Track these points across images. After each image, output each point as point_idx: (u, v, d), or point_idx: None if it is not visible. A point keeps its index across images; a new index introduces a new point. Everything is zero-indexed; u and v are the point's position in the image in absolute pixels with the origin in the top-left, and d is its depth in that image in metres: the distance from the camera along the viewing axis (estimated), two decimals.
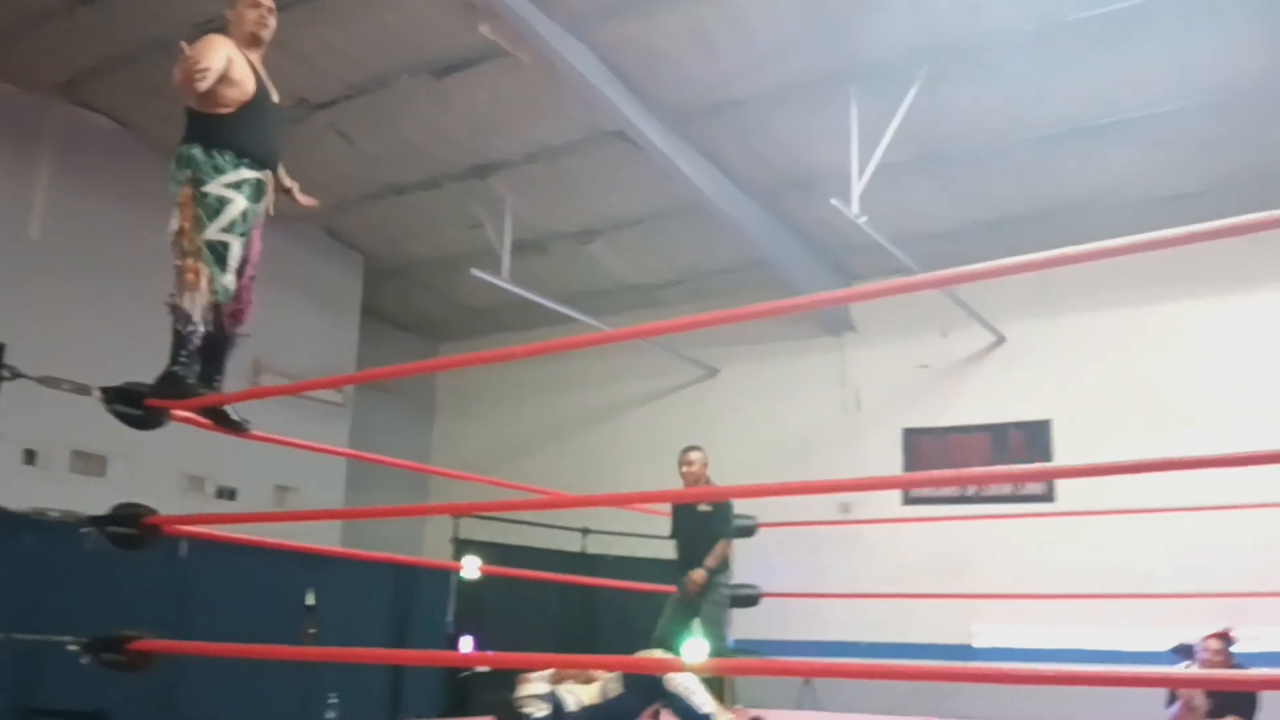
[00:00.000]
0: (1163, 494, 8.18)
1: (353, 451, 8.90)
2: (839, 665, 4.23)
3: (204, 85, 3.69)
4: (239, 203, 3.88)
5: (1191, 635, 6.95)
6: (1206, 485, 7.88)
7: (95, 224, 9.08)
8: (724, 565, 6.83)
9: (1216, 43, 7.24)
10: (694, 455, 7.15)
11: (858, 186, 7.89)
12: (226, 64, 3.87)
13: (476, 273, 9.53)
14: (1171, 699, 6.60)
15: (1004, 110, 8.14)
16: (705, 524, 6.96)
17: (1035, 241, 5.56)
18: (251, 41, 4.07)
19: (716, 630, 6.65)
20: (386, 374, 8.70)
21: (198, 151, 3.87)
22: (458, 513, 7.84)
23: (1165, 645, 7.10)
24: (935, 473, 9.99)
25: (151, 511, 3.91)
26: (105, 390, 3.85)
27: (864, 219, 7.92)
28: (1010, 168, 8.88)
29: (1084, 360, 9.64)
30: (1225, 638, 6.67)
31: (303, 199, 4.31)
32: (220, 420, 4.04)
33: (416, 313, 13.00)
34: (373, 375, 9.78)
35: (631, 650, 5.17)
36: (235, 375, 4.27)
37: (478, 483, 7.85)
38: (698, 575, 6.61)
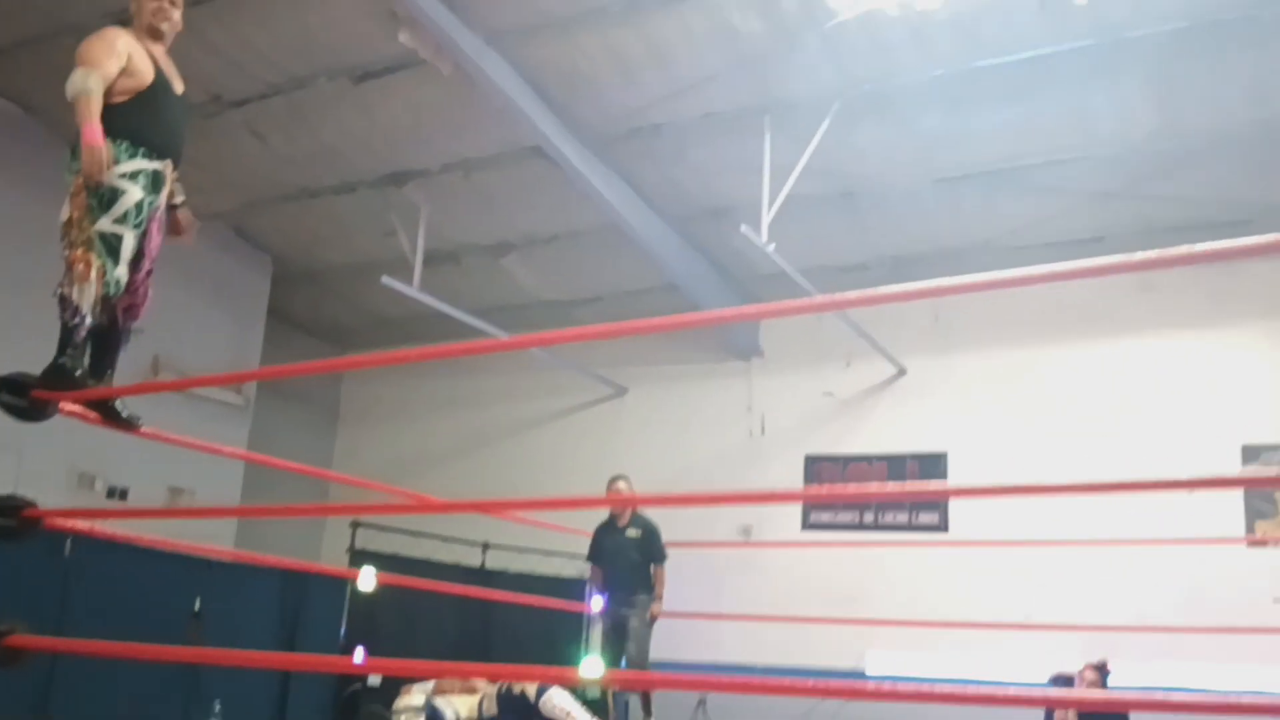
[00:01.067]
0: (1050, 528, 8.56)
1: (248, 453, 8.74)
2: (735, 681, 4.31)
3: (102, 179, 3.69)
4: (134, 193, 3.82)
5: (1071, 666, 7.24)
6: (1092, 522, 8.25)
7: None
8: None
9: (1111, 98, 7.62)
10: (622, 484, 7.45)
11: (768, 216, 8.06)
12: (124, 56, 3.84)
13: (387, 280, 9.46)
14: None
15: (911, 151, 8.42)
16: (636, 548, 7.26)
17: (937, 278, 5.82)
18: (151, 33, 4.04)
19: (644, 648, 7.18)
20: (284, 372, 8.59)
21: None
22: (355, 513, 7.78)
23: (1046, 675, 7.38)
24: (838, 487, 10.22)
25: (31, 504, 3.83)
26: None
27: (772, 247, 8.10)
28: (915, 207, 9.17)
29: (979, 395, 9.95)
30: (1102, 669, 6.97)
31: (184, 226, 4.19)
32: (109, 415, 3.97)
33: (325, 319, 12.82)
34: (270, 373, 9.63)
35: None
36: (132, 372, 4.22)
37: (378, 491, 7.80)
38: (657, 609, 7.12)
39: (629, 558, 7.42)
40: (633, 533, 7.43)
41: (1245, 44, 6.95)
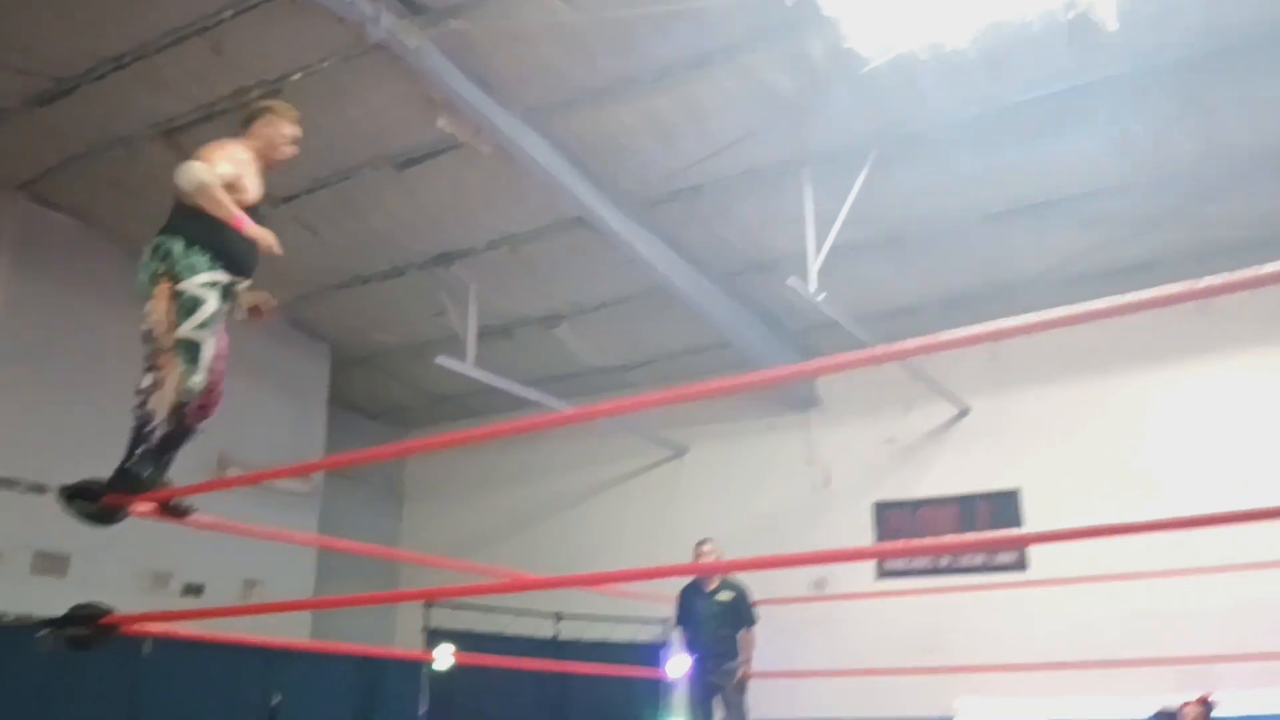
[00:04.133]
0: (1135, 560, 8.29)
1: (318, 538, 8.81)
2: None
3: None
4: (211, 303, 3.91)
5: (1171, 701, 6.97)
6: (1177, 551, 7.98)
7: (53, 319, 9.06)
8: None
9: (1151, 123, 7.53)
10: (708, 546, 7.45)
11: (815, 266, 8.05)
12: (240, 171, 3.96)
13: (442, 360, 9.57)
14: None
15: (952, 190, 8.38)
16: (727, 611, 7.25)
17: (990, 315, 5.75)
18: (268, 160, 4.16)
19: (740, 715, 7.39)
20: (350, 460, 8.68)
21: (177, 246, 3.87)
22: (428, 598, 7.80)
23: (1147, 712, 7.12)
24: (914, 541, 10.02)
25: (108, 611, 3.89)
26: (63, 489, 3.85)
27: (822, 296, 8.06)
28: (963, 245, 9.09)
29: (1046, 431, 9.73)
30: (1205, 703, 6.73)
31: (264, 309, 4.30)
32: (165, 510, 4.03)
33: (384, 401, 12.99)
34: (337, 463, 9.73)
35: None
36: (199, 469, 4.29)
37: (448, 569, 7.82)
38: (748, 672, 7.13)
39: (719, 621, 7.39)
40: (724, 596, 7.41)
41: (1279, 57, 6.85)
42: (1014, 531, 9.46)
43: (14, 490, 5.00)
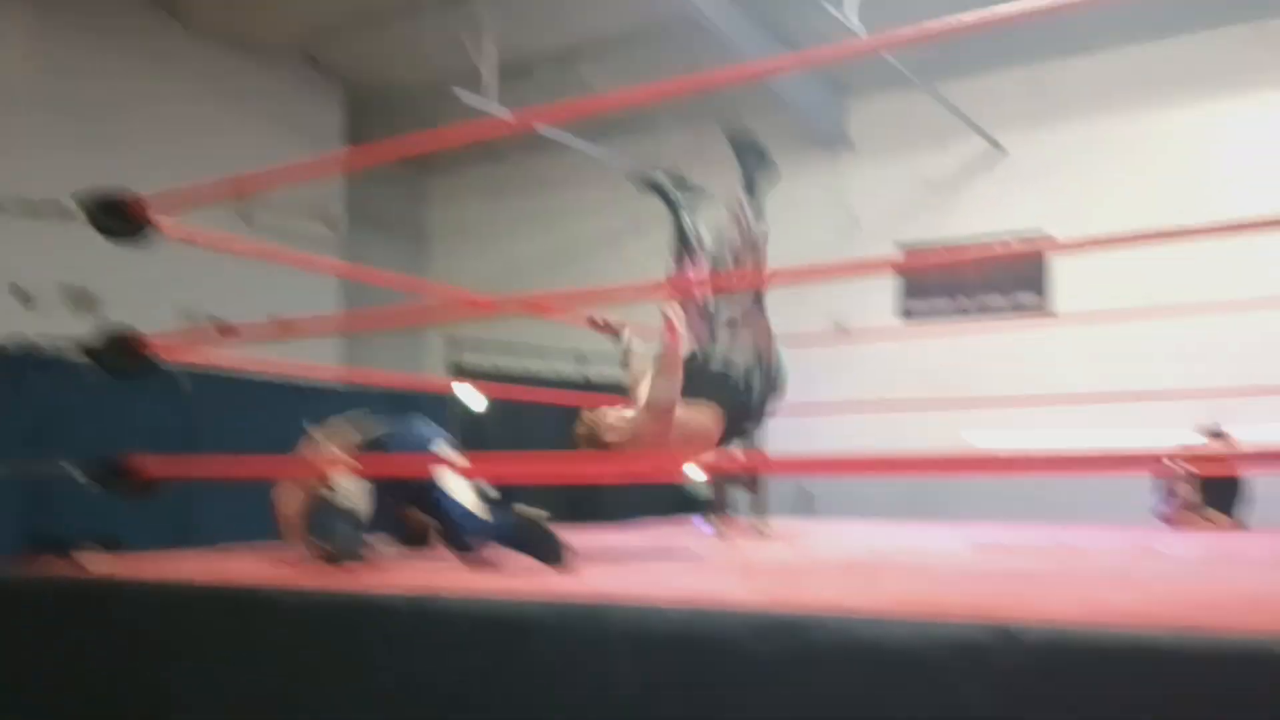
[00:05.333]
0: (1162, 299, 8.20)
1: (346, 266, 8.87)
2: (844, 460, 4.28)
3: None
4: None
5: (1188, 437, 7.06)
6: (1200, 289, 7.88)
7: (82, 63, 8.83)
8: None
9: None
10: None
11: None
12: None
13: (460, 92, 9.23)
14: (1162, 494, 6.79)
15: None
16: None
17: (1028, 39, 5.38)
18: None
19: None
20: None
21: None
22: (464, 316, 7.79)
23: (1165, 443, 7.22)
24: (935, 257, 9.88)
25: (143, 338, 3.89)
26: (80, 200, 3.66)
27: (856, 23, 7.65)
28: None
29: (1085, 170, 9.47)
30: (1217, 433, 6.82)
31: None
32: None
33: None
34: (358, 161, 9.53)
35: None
36: (222, 210, 4.18)
37: (475, 307, 7.86)
38: None
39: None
40: None
41: None
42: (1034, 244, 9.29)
43: (42, 220, 4.94)
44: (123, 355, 3.87)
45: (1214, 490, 6.69)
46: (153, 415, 6.17)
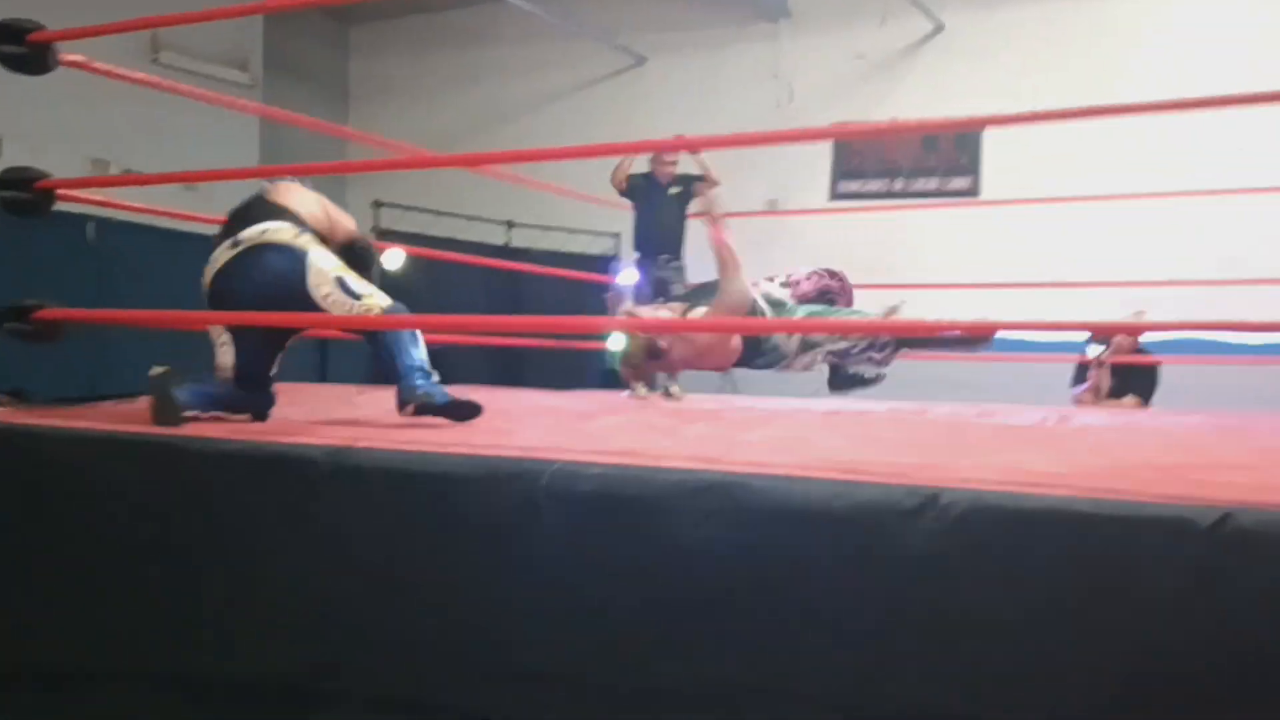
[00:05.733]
0: (1087, 189, 8.27)
1: (262, 107, 8.52)
2: (754, 321, 4.26)
3: None
4: None
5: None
6: (1131, 181, 7.95)
7: None
8: None
9: None
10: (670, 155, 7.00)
11: None
12: None
13: None
14: (1078, 379, 6.96)
15: None
16: (678, 206, 6.93)
17: None
18: None
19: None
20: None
21: None
22: (385, 169, 7.56)
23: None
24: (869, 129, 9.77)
25: (44, 175, 3.68)
26: None
27: None
28: None
29: (1025, 54, 9.37)
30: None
31: None
32: None
33: None
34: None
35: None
36: (132, 53, 3.92)
37: (398, 160, 7.61)
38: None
39: (674, 217, 7.02)
40: (675, 189, 7.04)
41: None
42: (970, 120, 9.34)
43: None
44: (21, 191, 3.66)
45: (1128, 375, 6.88)
46: (59, 264, 5.91)
